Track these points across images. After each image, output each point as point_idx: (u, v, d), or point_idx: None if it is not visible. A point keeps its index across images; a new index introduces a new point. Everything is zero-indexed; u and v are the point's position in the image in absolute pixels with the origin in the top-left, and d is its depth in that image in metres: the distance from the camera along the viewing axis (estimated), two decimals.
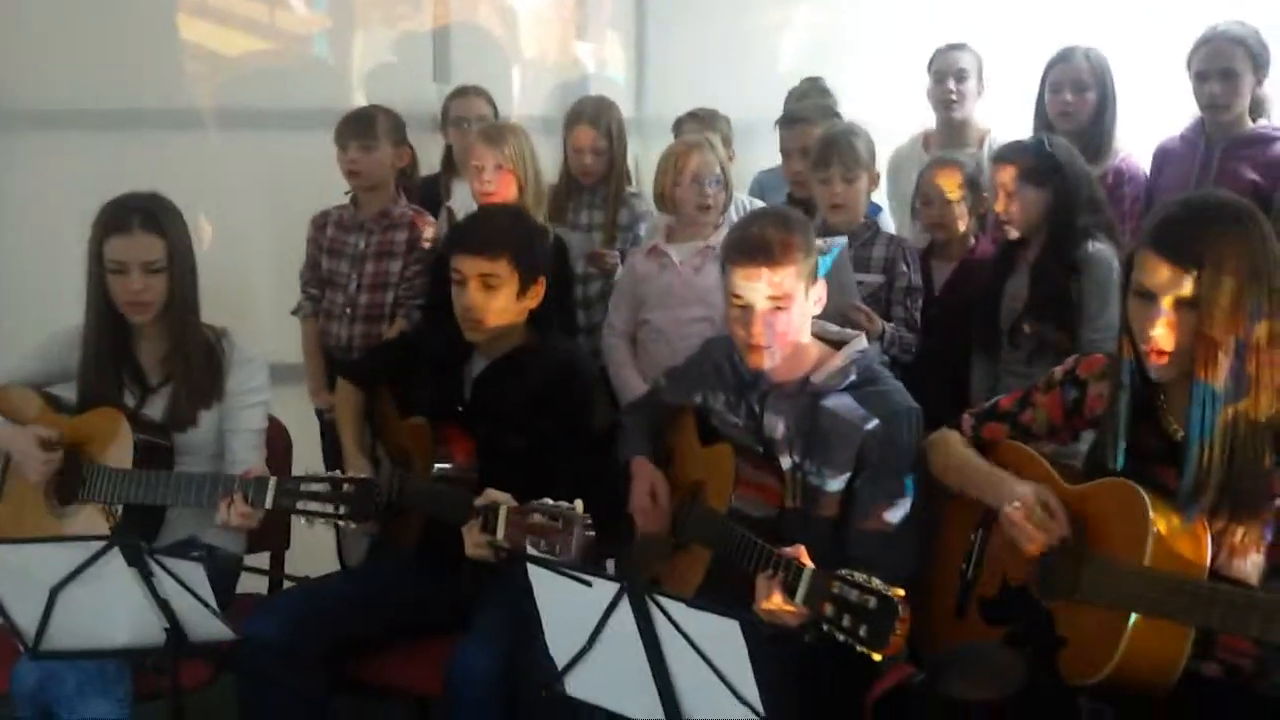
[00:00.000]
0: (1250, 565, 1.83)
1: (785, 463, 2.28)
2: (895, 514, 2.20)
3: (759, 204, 3.74)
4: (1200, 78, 3.18)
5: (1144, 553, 1.82)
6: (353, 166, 3.30)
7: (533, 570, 1.75)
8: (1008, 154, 3.02)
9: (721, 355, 2.42)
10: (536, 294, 2.54)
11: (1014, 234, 3.01)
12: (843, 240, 2.91)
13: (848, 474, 2.23)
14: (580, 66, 4.36)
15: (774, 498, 2.26)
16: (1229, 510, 1.82)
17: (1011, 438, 2.18)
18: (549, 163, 3.54)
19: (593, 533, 2.06)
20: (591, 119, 3.54)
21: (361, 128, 3.30)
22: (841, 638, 1.80)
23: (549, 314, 2.60)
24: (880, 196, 3.89)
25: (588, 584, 1.69)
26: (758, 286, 2.19)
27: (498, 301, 2.48)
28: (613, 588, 1.68)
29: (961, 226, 3.20)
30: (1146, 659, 1.81)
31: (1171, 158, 3.35)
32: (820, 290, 2.29)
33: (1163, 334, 1.84)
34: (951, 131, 3.79)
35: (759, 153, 3.93)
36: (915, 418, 2.27)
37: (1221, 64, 3.13)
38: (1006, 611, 2.04)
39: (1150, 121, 3.54)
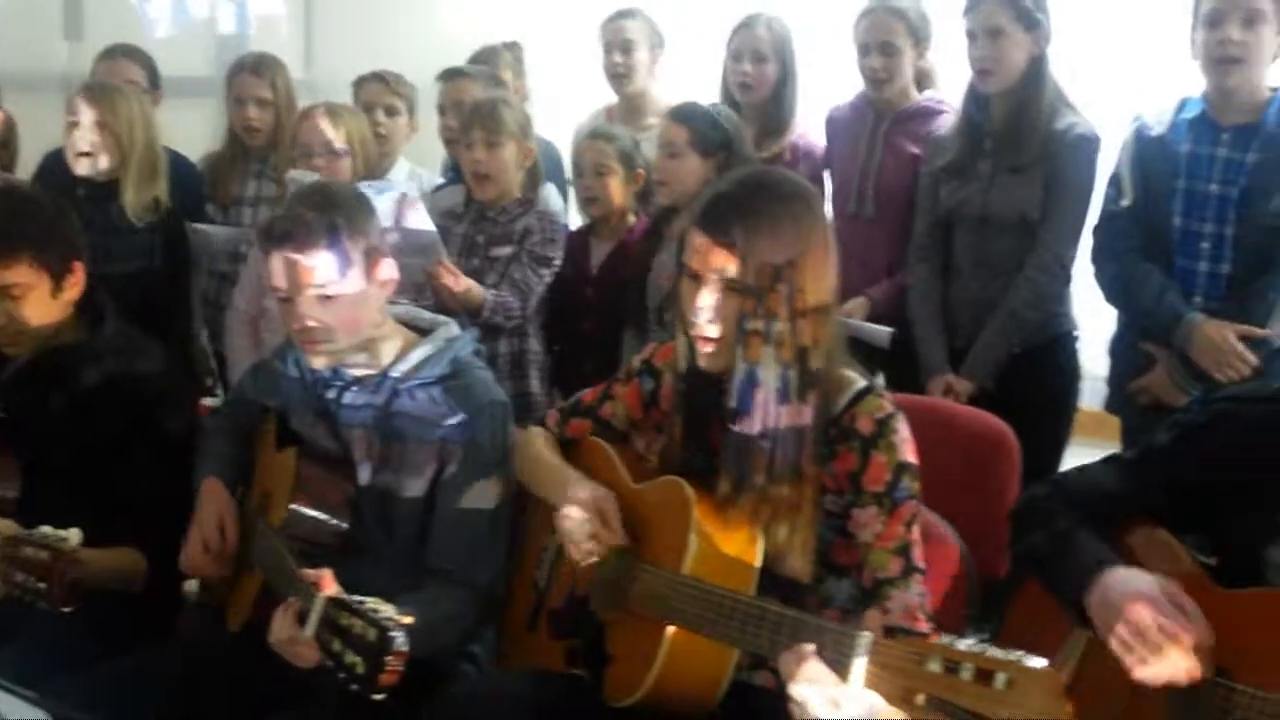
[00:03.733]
0: (801, 564, 1.70)
1: (363, 467, 2.06)
2: (478, 518, 2.01)
3: (440, 181, 3.53)
4: (862, 50, 3.10)
5: (685, 557, 1.67)
6: None
7: None
8: (682, 115, 2.89)
9: (298, 349, 2.17)
10: (75, 281, 2.19)
11: (665, 199, 2.87)
12: (387, 185, 2.68)
13: (428, 477, 2.02)
14: (236, 22, 3.99)
15: (346, 506, 2.04)
16: (772, 507, 1.69)
17: (595, 433, 2.01)
18: (204, 131, 3.21)
19: (79, 574, 1.77)
20: (254, 69, 3.28)
21: None
22: (342, 676, 1.58)
23: (100, 300, 2.26)
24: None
25: None
26: (289, 274, 1.95)
27: (30, 310, 2.12)
28: None
29: (609, 199, 3.02)
30: (687, 675, 1.67)
31: (840, 127, 3.28)
32: (390, 270, 2.07)
33: (708, 319, 1.69)
34: (630, 105, 3.63)
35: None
36: (502, 412, 2.08)
37: (881, 37, 3.06)
38: (571, 625, 1.88)
39: (830, 96, 3.46)
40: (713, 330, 1.69)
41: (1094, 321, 2.91)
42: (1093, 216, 2.77)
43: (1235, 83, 2.48)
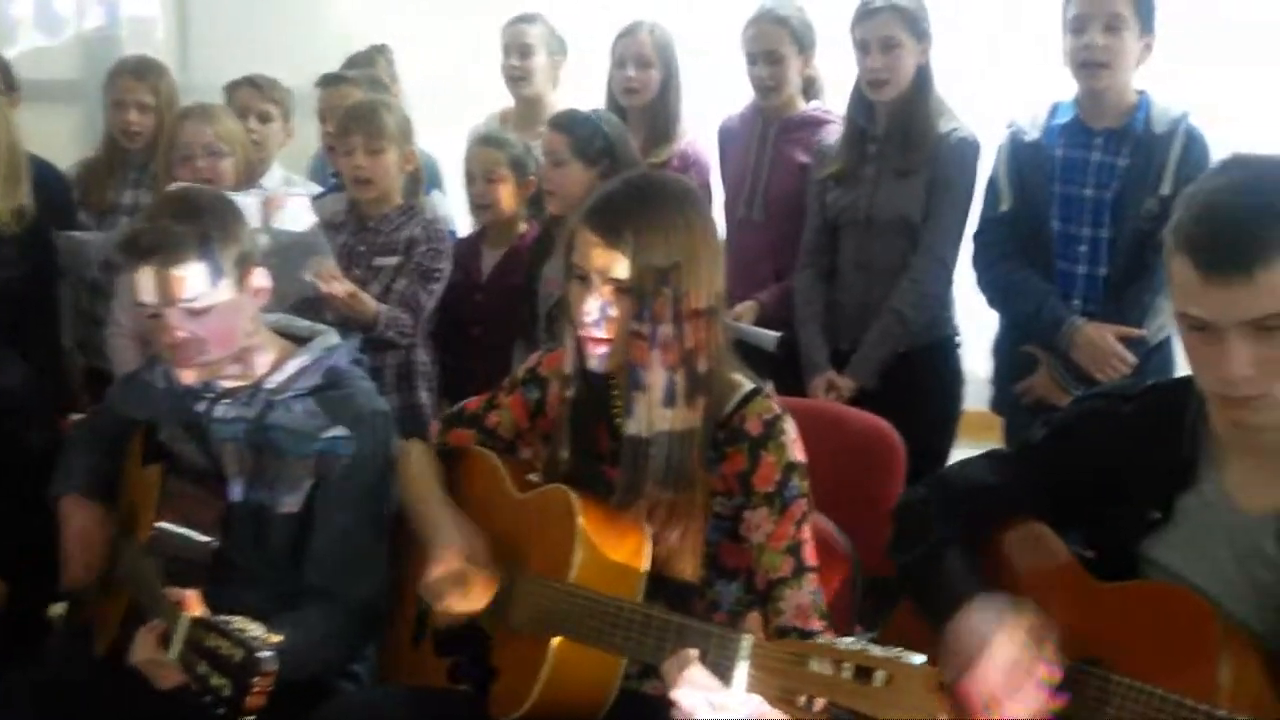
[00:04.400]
0: (690, 568, 1.69)
1: (234, 483, 1.98)
2: (358, 533, 1.95)
3: (315, 188, 3.45)
4: (750, 60, 3.12)
5: (571, 567, 1.64)
6: None
7: None
8: (563, 122, 2.87)
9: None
10: None
11: (555, 208, 2.84)
12: (251, 197, 2.60)
13: (305, 492, 1.96)
14: (106, 23, 3.85)
15: (217, 524, 1.96)
16: (666, 511, 1.67)
17: (480, 443, 1.96)
18: (71, 136, 3.09)
19: None
20: (135, 72, 3.19)
21: None
22: (208, 700, 1.51)
23: None
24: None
25: None
26: (158, 288, 1.87)
27: None
28: None
29: (501, 206, 2.99)
30: (574, 686, 1.63)
31: (731, 138, 3.29)
32: (263, 279, 1.99)
33: (598, 319, 1.66)
34: (526, 110, 3.61)
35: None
36: (384, 422, 2.02)
37: (766, 46, 3.08)
38: (454, 641, 1.82)
39: (721, 104, 3.47)
40: (602, 332, 1.67)
41: (976, 324, 2.96)
42: (973, 221, 2.83)
43: (1103, 86, 2.55)
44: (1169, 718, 1.32)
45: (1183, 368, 2.51)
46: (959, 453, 2.78)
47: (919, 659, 1.25)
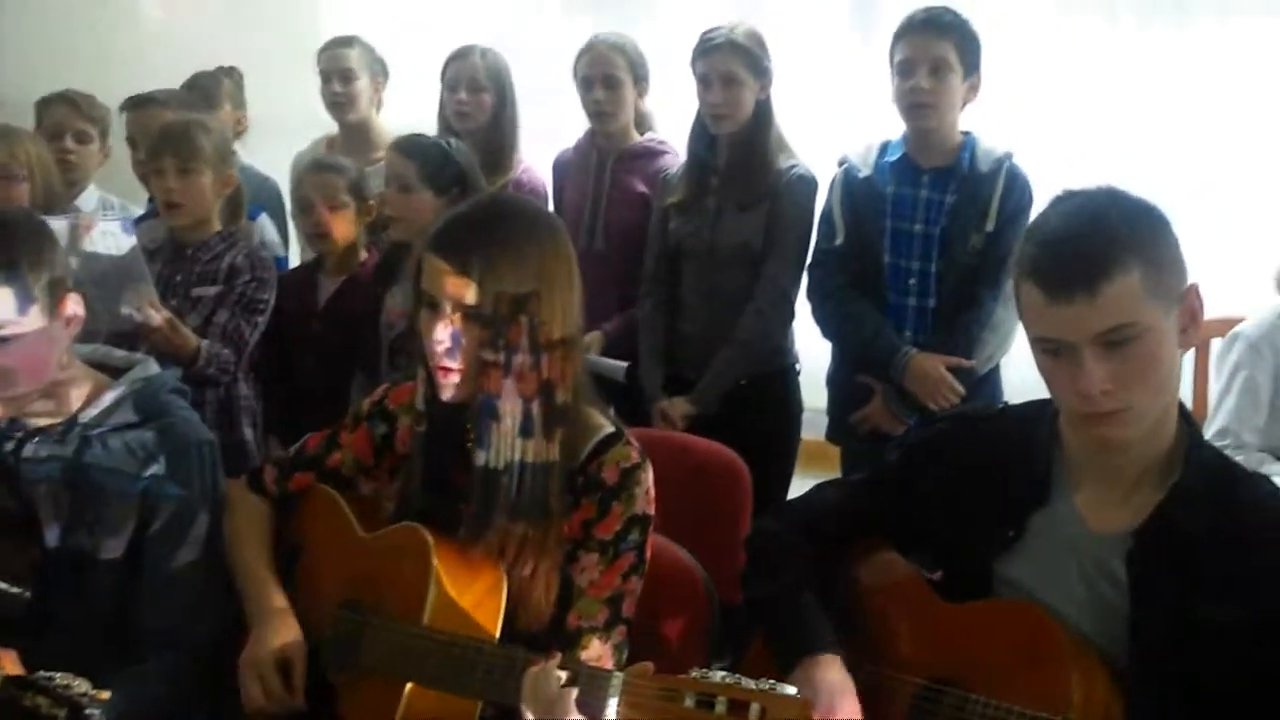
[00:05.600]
0: (546, 605, 1.64)
1: (50, 528, 1.82)
2: (193, 575, 1.82)
3: (135, 211, 3.26)
4: (585, 85, 3.12)
5: (424, 608, 1.57)
6: None
7: None
8: (411, 149, 2.80)
9: None
10: None
11: (398, 234, 2.78)
12: (60, 220, 2.43)
13: (128, 536, 1.82)
14: None
15: (31, 572, 1.80)
16: (517, 546, 1.63)
17: (323, 483, 1.86)
18: None
19: None
20: None
21: None
22: None
23: None
24: None
25: None
26: None
27: None
28: None
29: (341, 235, 2.89)
30: None
31: (568, 170, 3.29)
32: (75, 306, 1.85)
33: (450, 347, 1.60)
34: (353, 136, 3.51)
35: None
36: (209, 451, 1.90)
37: (604, 70, 3.09)
38: None
39: (557, 131, 3.46)
40: (453, 361, 1.61)
41: (810, 355, 3.03)
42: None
43: (929, 127, 2.66)
44: None
45: (1010, 397, 2.66)
46: (797, 481, 2.84)
47: (791, 690, 1.24)
